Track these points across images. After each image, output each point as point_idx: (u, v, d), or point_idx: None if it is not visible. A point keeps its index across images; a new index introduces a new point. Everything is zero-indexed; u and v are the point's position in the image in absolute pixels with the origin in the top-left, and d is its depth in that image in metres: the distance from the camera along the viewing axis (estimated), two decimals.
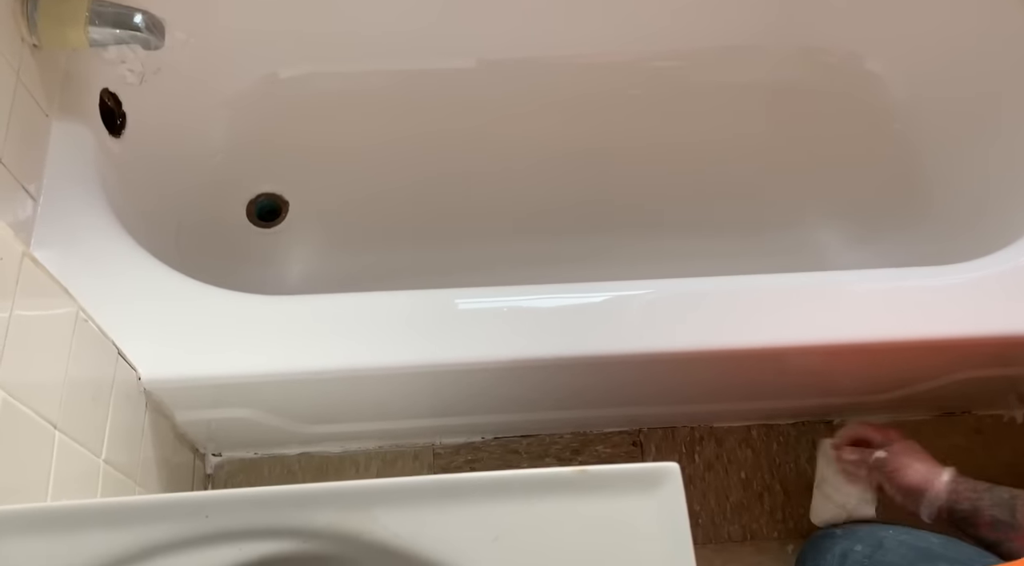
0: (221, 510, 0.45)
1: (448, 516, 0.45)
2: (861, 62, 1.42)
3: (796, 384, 1.18)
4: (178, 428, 1.07)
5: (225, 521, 0.45)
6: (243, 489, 0.45)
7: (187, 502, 0.46)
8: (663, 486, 0.46)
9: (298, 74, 1.34)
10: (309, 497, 0.46)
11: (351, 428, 1.20)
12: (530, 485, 0.46)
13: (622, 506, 0.45)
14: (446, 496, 0.46)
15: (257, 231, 1.36)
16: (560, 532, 0.45)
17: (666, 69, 1.44)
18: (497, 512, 0.45)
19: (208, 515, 0.45)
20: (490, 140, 1.42)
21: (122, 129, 1.15)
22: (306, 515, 0.45)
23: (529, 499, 0.46)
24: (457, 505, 0.45)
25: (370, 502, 0.45)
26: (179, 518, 0.45)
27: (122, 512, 0.45)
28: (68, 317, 0.77)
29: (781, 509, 1.23)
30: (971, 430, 1.27)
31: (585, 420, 1.27)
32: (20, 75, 0.97)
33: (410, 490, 0.46)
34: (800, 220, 1.40)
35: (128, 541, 0.44)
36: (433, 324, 0.98)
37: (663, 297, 1.00)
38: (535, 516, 0.45)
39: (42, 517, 0.46)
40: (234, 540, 0.45)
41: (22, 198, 0.97)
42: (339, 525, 0.45)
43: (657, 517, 0.45)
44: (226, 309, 0.98)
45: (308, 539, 0.45)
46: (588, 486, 0.46)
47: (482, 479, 0.47)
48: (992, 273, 1.04)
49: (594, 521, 0.45)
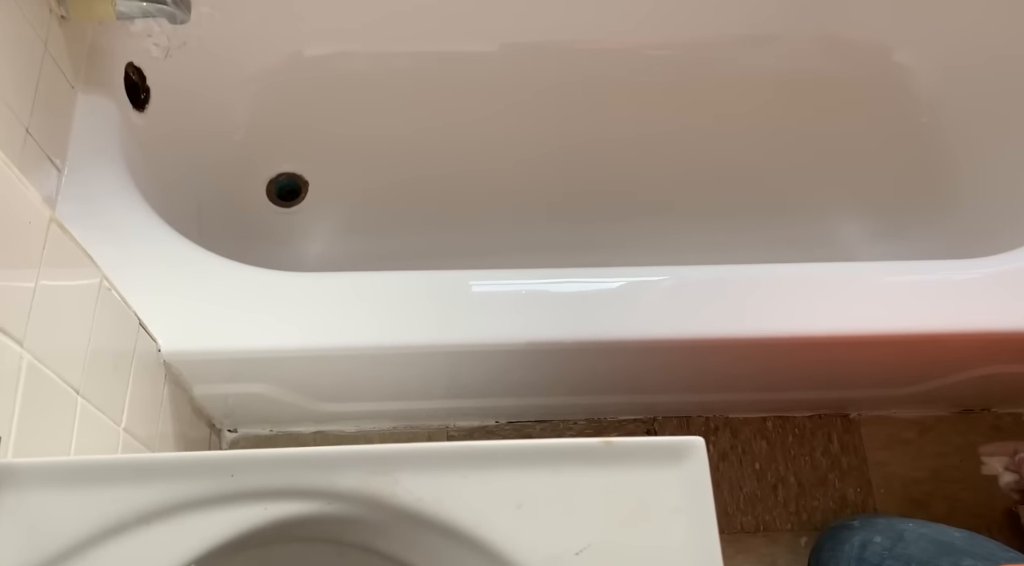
0: (247, 470, 0.45)
1: (471, 483, 0.45)
2: (890, 53, 1.40)
3: (814, 375, 1.17)
4: (195, 402, 1.07)
5: (250, 481, 0.45)
6: (268, 450, 0.46)
7: (214, 460, 0.46)
8: (688, 459, 0.45)
9: (323, 53, 1.34)
10: (334, 459, 0.46)
11: (366, 407, 1.20)
12: (555, 454, 0.46)
13: (646, 478, 0.45)
14: (470, 463, 0.46)
15: (276, 210, 1.37)
16: (583, 502, 0.45)
17: (691, 57, 1.43)
18: (521, 480, 0.45)
19: (234, 474, 0.45)
20: (511, 125, 1.41)
21: (146, 103, 1.16)
22: (331, 477, 0.45)
23: (554, 468, 0.46)
24: (481, 472, 0.45)
25: (394, 466, 0.45)
26: (205, 476, 0.45)
27: (149, 468, 0.46)
28: (92, 286, 0.78)
29: (795, 501, 1.23)
30: (989, 427, 1.26)
31: (599, 407, 1.26)
32: (48, 46, 0.97)
33: (434, 456, 0.46)
34: (823, 212, 1.39)
35: (155, 497, 0.45)
36: (451, 304, 0.98)
37: (681, 284, 1.00)
38: (559, 485, 0.45)
39: (71, 470, 0.46)
40: (259, 499, 0.45)
41: (47, 168, 0.97)
42: (363, 488, 0.45)
43: (681, 490, 0.45)
44: (246, 284, 0.98)
45: (332, 501, 0.45)
46: (613, 457, 0.46)
47: (507, 447, 0.46)
48: (1015, 267, 1.03)
49: (618, 492, 0.45)
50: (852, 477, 1.23)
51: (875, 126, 1.41)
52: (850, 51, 1.40)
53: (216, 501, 0.45)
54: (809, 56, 1.42)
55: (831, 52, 1.41)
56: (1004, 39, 1.28)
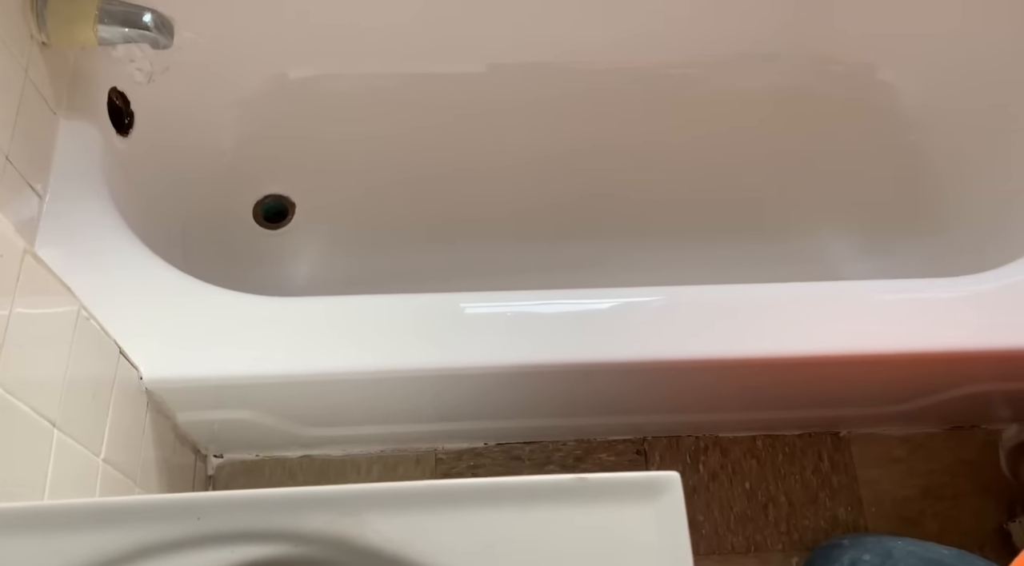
0: (213, 512, 0.44)
1: (441, 522, 0.44)
2: (875, 72, 1.41)
3: (803, 394, 1.17)
4: (179, 429, 1.07)
5: (217, 523, 0.44)
6: (235, 491, 0.45)
7: (179, 503, 0.45)
8: (663, 495, 0.45)
9: (307, 75, 1.34)
10: (301, 501, 0.45)
11: (353, 431, 1.20)
12: (527, 492, 0.45)
13: (621, 515, 0.44)
14: (440, 502, 0.45)
15: (263, 232, 1.36)
16: (556, 541, 0.44)
17: (677, 76, 1.43)
18: (492, 519, 0.44)
19: (200, 517, 0.44)
20: (498, 144, 1.41)
21: (130, 128, 1.15)
22: (297, 519, 0.44)
23: (526, 507, 0.45)
24: (451, 511, 0.45)
25: (362, 506, 0.45)
26: (171, 519, 0.44)
27: (114, 512, 0.45)
28: (69, 315, 0.77)
29: (786, 521, 1.22)
30: (979, 444, 1.26)
31: (589, 427, 1.26)
32: (29, 72, 0.97)
33: (403, 495, 0.45)
34: (811, 229, 1.39)
35: (120, 541, 0.44)
36: (438, 328, 0.97)
37: (671, 304, 1.00)
38: (531, 524, 0.45)
39: (32, 516, 0.45)
40: (226, 542, 0.44)
41: (28, 196, 0.97)
42: (330, 529, 0.44)
43: (657, 527, 0.44)
44: (229, 309, 0.98)
45: (299, 543, 0.44)
46: (587, 494, 0.45)
47: (477, 485, 0.46)
48: (1003, 285, 1.03)
49: (592, 530, 0.44)
50: (843, 496, 1.23)
51: (862, 144, 1.41)
52: (835, 70, 1.41)
53: (182, 545, 0.44)
54: (796, 75, 1.43)
55: (817, 71, 1.42)
56: (986, 56, 1.29)
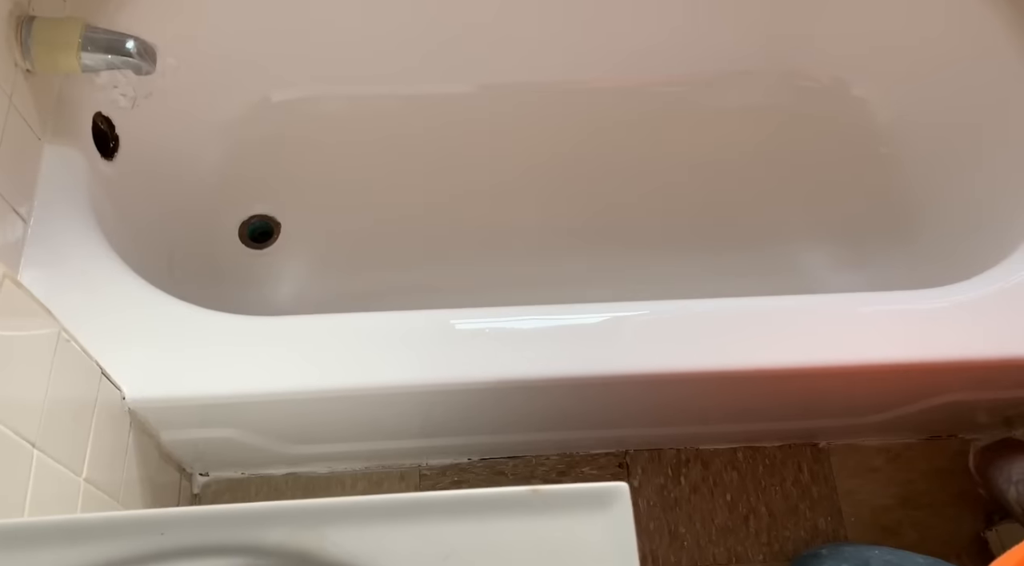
0: (176, 528, 0.46)
1: (399, 535, 0.46)
2: (847, 88, 1.44)
3: (784, 405, 1.18)
4: (163, 448, 1.08)
5: (180, 538, 0.46)
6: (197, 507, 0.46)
7: (143, 519, 0.47)
8: (613, 505, 0.46)
9: (290, 98, 1.36)
10: (261, 516, 0.46)
11: (338, 448, 1.21)
12: (482, 505, 0.47)
13: (573, 525, 0.46)
14: (397, 515, 0.46)
15: (249, 252, 1.38)
16: (511, 551, 0.46)
17: (658, 94, 1.46)
18: (449, 531, 0.46)
19: (163, 532, 0.46)
20: (483, 163, 1.44)
21: (115, 152, 1.17)
22: (258, 533, 0.46)
23: (481, 519, 0.46)
24: (408, 524, 0.46)
25: (321, 521, 0.46)
26: (135, 535, 0.46)
27: (79, 529, 0.46)
28: (49, 337, 0.78)
29: (767, 531, 1.23)
30: (956, 454, 1.27)
31: (572, 441, 1.27)
32: (13, 99, 0.99)
33: (361, 509, 0.46)
34: (789, 243, 1.41)
35: (86, 557, 0.45)
36: (421, 345, 0.99)
37: (656, 318, 1.01)
38: (487, 535, 0.46)
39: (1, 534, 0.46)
40: (189, 557, 0.46)
41: (12, 220, 0.99)
42: (290, 543, 0.46)
43: (606, 535, 0.46)
44: (211, 329, 0.99)
45: (261, 556, 0.46)
46: (540, 506, 0.47)
47: (434, 498, 0.47)
48: (977, 296, 1.05)
49: (545, 539, 0.46)
50: (823, 506, 1.24)
51: (837, 158, 1.44)
52: (810, 86, 1.44)
53: (147, 559, 0.45)
54: (772, 92, 1.46)
55: (792, 88, 1.45)
56: (956, 69, 1.31)
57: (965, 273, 1.09)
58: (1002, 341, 1.02)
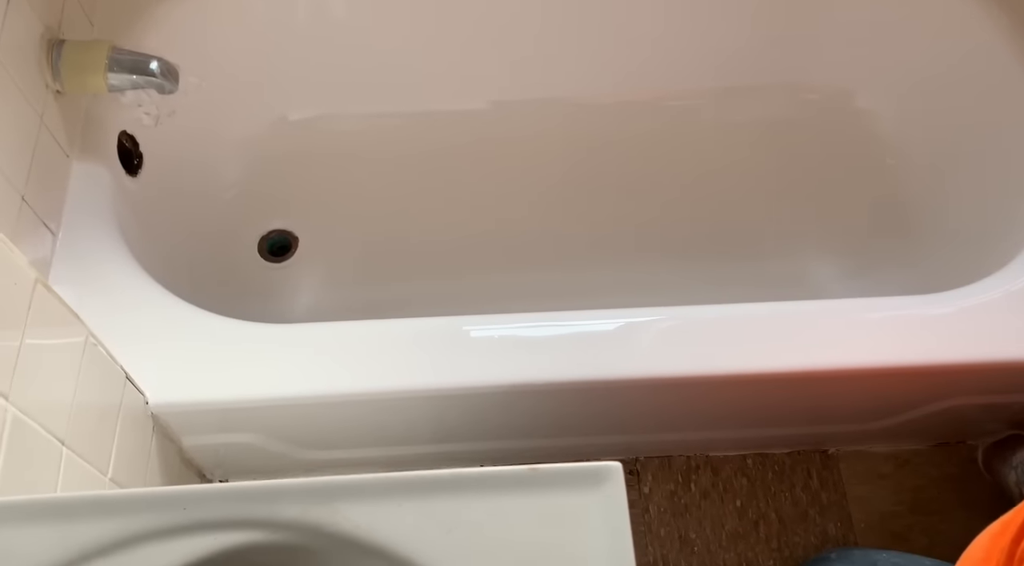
0: (197, 503, 0.49)
1: (405, 509, 0.49)
2: (851, 99, 1.46)
3: (794, 411, 1.20)
4: (185, 453, 1.11)
5: (201, 513, 0.49)
6: (218, 484, 0.49)
7: (167, 495, 0.50)
8: (606, 483, 0.49)
9: (307, 116, 1.41)
10: (277, 492, 0.50)
11: (354, 454, 1.23)
12: (483, 481, 0.50)
13: (569, 501, 0.49)
14: (403, 491, 0.49)
15: (268, 266, 1.42)
16: (510, 525, 0.48)
17: (666, 108, 1.50)
18: (451, 506, 0.49)
19: (186, 507, 0.49)
20: (495, 177, 1.47)
21: (139, 169, 1.22)
22: (275, 508, 0.49)
23: (482, 494, 0.49)
24: (414, 500, 0.49)
25: (333, 496, 0.49)
26: (159, 510, 0.49)
27: (108, 503, 0.50)
28: (78, 342, 0.82)
29: (777, 537, 1.24)
30: (965, 460, 1.28)
31: (582, 448, 1.29)
32: (44, 119, 1.04)
33: (370, 486, 0.50)
34: (796, 253, 1.43)
35: (114, 531, 0.48)
36: (436, 350, 1.02)
37: (668, 325, 1.05)
38: (487, 510, 0.49)
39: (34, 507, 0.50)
40: (210, 530, 0.49)
41: (42, 234, 1.03)
42: (305, 517, 0.49)
43: (600, 512, 0.48)
44: (233, 336, 1.03)
45: (277, 530, 0.49)
46: (538, 482, 0.49)
47: (438, 476, 0.50)
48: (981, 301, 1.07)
49: (542, 515, 0.49)
50: (832, 512, 1.25)
51: (843, 169, 1.46)
52: (814, 98, 1.47)
53: (171, 532, 0.48)
54: (777, 105, 1.49)
55: (797, 100, 1.48)
56: (958, 80, 1.34)
57: (969, 278, 1.11)
58: (1007, 345, 1.03)
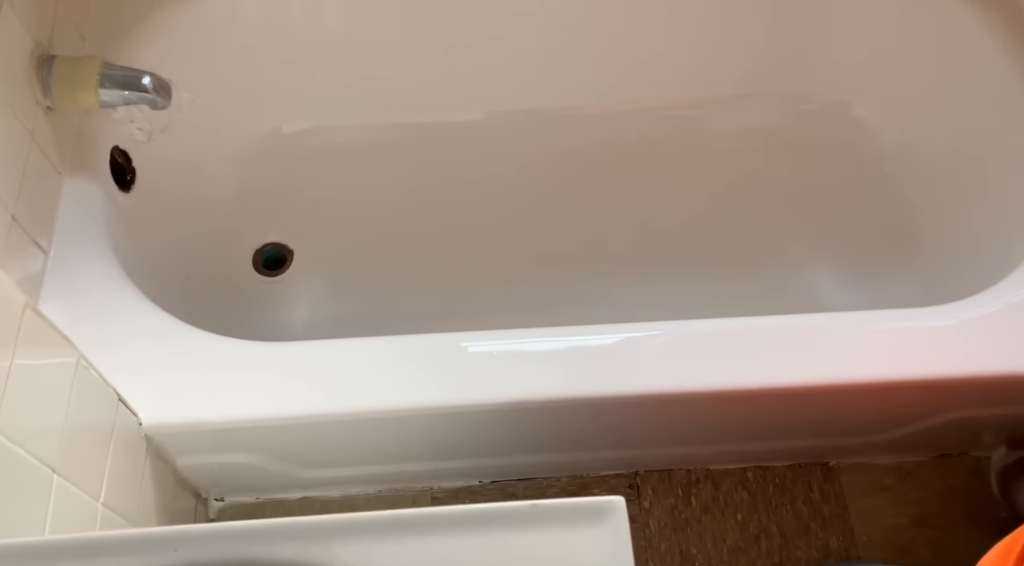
0: (189, 544, 0.48)
1: (403, 549, 0.47)
2: (849, 109, 1.46)
3: (794, 424, 1.19)
4: (179, 473, 1.10)
5: (193, 554, 0.47)
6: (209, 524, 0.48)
7: (156, 536, 0.49)
8: (609, 518, 0.48)
9: (300, 129, 1.40)
10: (271, 532, 0.48)
11: (351, 472, 1.22)
12: (485, 519, 0.49)
13: (571, 538, 0.47)
14: (401, 530, 0.48)
15: (262, 280, 1.40)
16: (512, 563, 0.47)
17: (662, 118, 1.49)
18: (452, 545, 0.48)
19: (177, 549, 0.47)
20: (491, 188, 1.46)
21: (131, 184, 1.20)
22: (269, 548, 0.48)
23: (483, 532, 0.48)
24: (412, 538, 0.48)
25: (328, 536, 0.48)
26: (150, 552, 0.48)
27: (95, 546, 0.48)
28: (68, 365, 0.81)
29: (778, 551, 1.23)
30: (968, 472, 1.27)
31: (582, 463, 1.28)
32: (34, 136, 1.02)
33: (366, 524, 0.48)
34: (794, 264, 1.42)
35: None
36: (433, 367, 1.00)
37: (667, 339, 1.03)
38: (488, 549, 0.47)
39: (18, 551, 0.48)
40: None
41: (33, 252, 1.02)
42: (300, 558, 0.47)
43: (604, 548, 0.47)
44: (226, 355, 1.01)
45: None
46: (539, 519, 0.48)
47: (436, 514, 0.49)
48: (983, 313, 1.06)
49: (545, 552, 0.47)
50: (834, 525, 1.24)
51: (840, 179, 1.45)
52: (811, 108, 1.46)
53: None
54: (774, 115, 1.48)
55: (794, 109, 1.47)
56: (958, 90, 1.33)
57: (970, 290, 1.10)
58: (1008, 357, 1.03)
